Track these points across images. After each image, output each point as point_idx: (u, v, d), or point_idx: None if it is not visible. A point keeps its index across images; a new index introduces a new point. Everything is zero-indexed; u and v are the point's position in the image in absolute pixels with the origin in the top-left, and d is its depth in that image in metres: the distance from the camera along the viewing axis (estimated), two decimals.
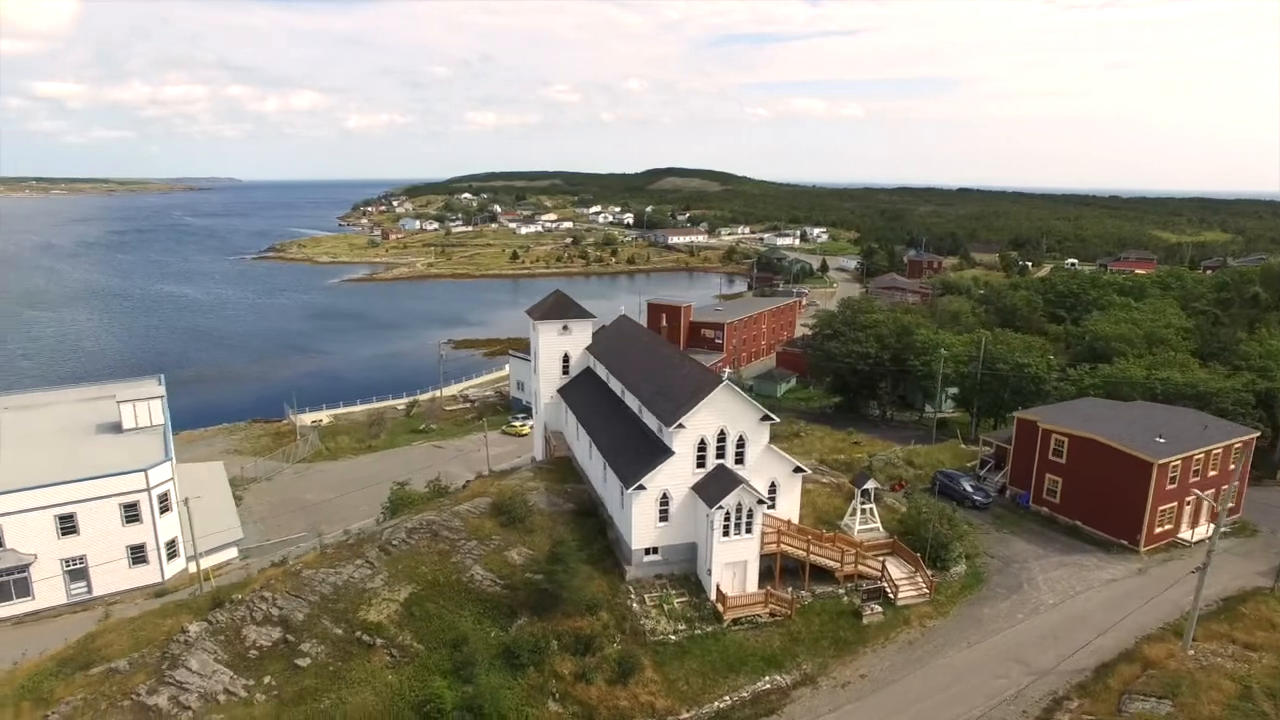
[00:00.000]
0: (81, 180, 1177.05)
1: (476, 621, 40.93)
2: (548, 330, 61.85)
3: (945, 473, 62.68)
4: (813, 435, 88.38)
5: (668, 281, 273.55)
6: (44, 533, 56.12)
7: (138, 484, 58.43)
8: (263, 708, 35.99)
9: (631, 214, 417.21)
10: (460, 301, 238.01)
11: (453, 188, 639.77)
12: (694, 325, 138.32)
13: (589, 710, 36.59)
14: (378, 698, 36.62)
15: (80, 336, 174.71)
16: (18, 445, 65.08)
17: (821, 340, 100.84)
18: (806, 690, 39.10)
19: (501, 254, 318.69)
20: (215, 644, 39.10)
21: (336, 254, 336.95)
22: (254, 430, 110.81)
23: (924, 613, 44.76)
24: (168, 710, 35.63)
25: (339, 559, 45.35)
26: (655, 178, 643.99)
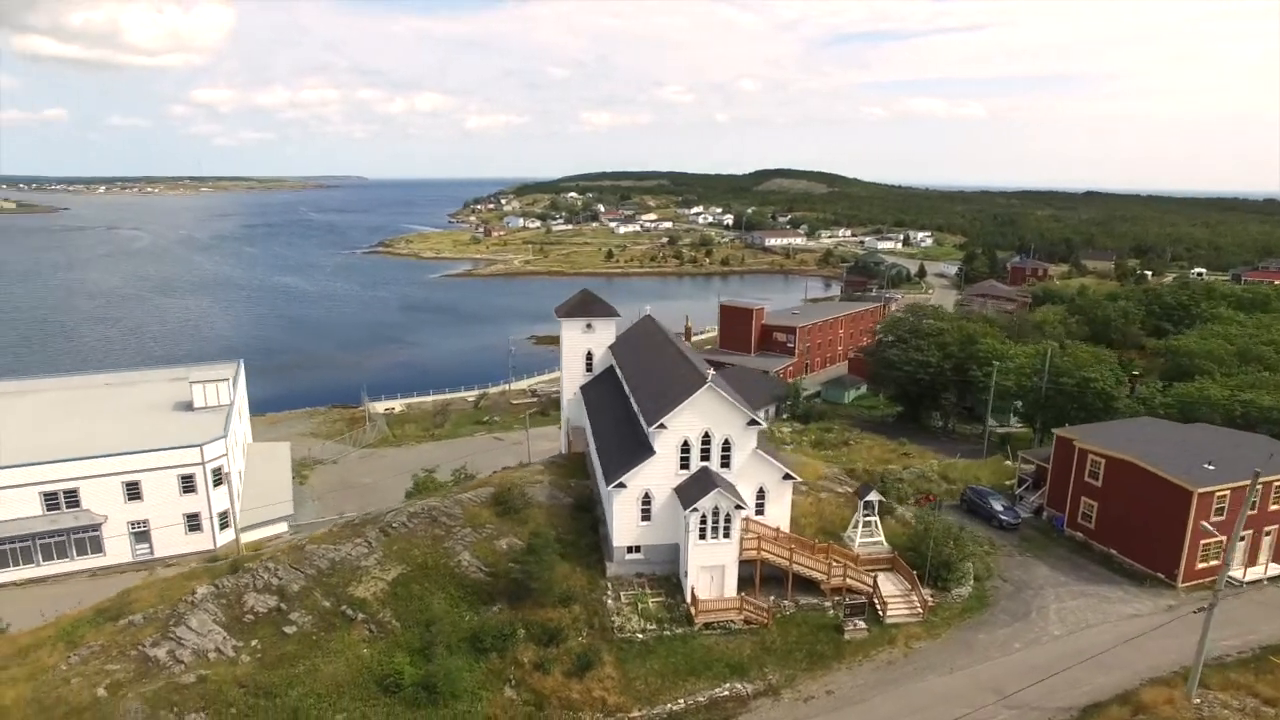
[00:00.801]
0: (227, 178, 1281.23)
1: (453, 605, 42.46)
2: (571, 328, 62.96)
3: (975, 489, 59.58)
4: (862, 444, 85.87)
5: (761, 284, 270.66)
6: (114, 497, 61.97)
7: (193, 458, 63.53)
8: (245, 667, 38.69)
9: (732, 215, 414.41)
10: (549, 298, 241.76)
11: (560, 187, 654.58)
12: (766, 328, 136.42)
13: (540, 699, 37.30)
14: (348, 668, 38.65)
15: (199, 321, 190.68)
16: (103, 417, 72.17)
17: (882, 347, 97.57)
18: (767, 701, 38.34)
19: (597, 253, 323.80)
20: (217, 606, 42.29)
21: (440, 250, 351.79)
22: (331, 415, 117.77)
23: (913, 633, 42.90)
24: (164, 662, 38.89)
25: (341, 537, 48.03)
26: (762, 179, 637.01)
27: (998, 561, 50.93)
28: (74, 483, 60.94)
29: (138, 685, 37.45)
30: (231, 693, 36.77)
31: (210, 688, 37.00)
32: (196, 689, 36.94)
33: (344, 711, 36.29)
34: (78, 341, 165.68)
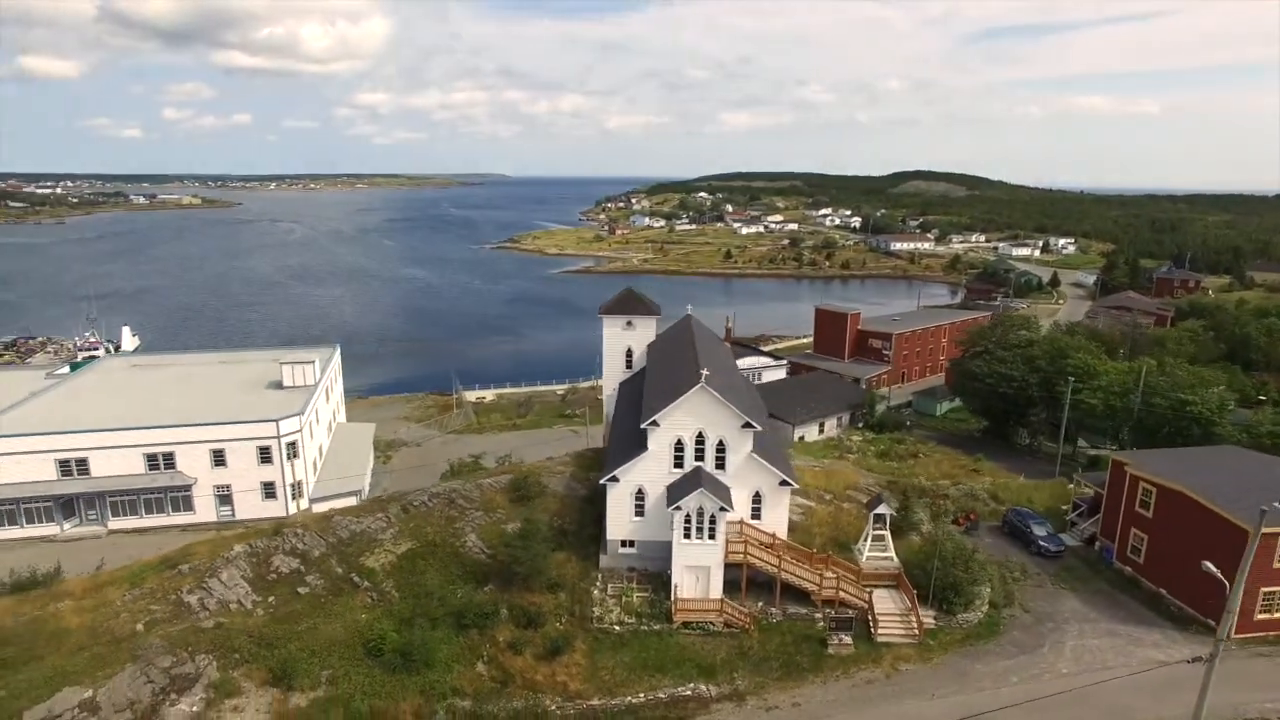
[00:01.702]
0: (381, 175, 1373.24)
1: (449, 581, 44.74)
2: (612, 325, 64.13)
3: (1018, 511, 55.81)
4: (932, 457, 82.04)
5: (881, 289, 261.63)
6: (202, 462, 69.05)
7: (270, 432, 69.66)
8: (257, 620, 42.59)
9: (860, 218, 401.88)
10: (659, 296, 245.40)
11: (692, 187, 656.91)
12: (861, 334, 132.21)
13: (506, 677, 38.81)
14: (344, 630, 41.68)
15: (327, 308, 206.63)
16: (208, 391, 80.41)
17: (967, 358, 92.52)
18: (729, 705, 38.03)
19: (716, 253, 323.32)
20: (247, 564, 46.66)
21: (564, 246, 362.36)
22: (426, 401, 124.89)
23: (903, 654, 41.08)
24: (194, 608, 43.45)
25: (366, 511, 51.60)
26: (898, 181, 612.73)
27: (1024, 590, 47.69)
28: (171, 447, 68.41)
29: (167, 625, 42.10)
30: (239, 640, 40.62)
31: (222, 634, 41.05)
32: (211, 634, 41.09)
33: (330, 668, 39.27)
34: (224, 323, 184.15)
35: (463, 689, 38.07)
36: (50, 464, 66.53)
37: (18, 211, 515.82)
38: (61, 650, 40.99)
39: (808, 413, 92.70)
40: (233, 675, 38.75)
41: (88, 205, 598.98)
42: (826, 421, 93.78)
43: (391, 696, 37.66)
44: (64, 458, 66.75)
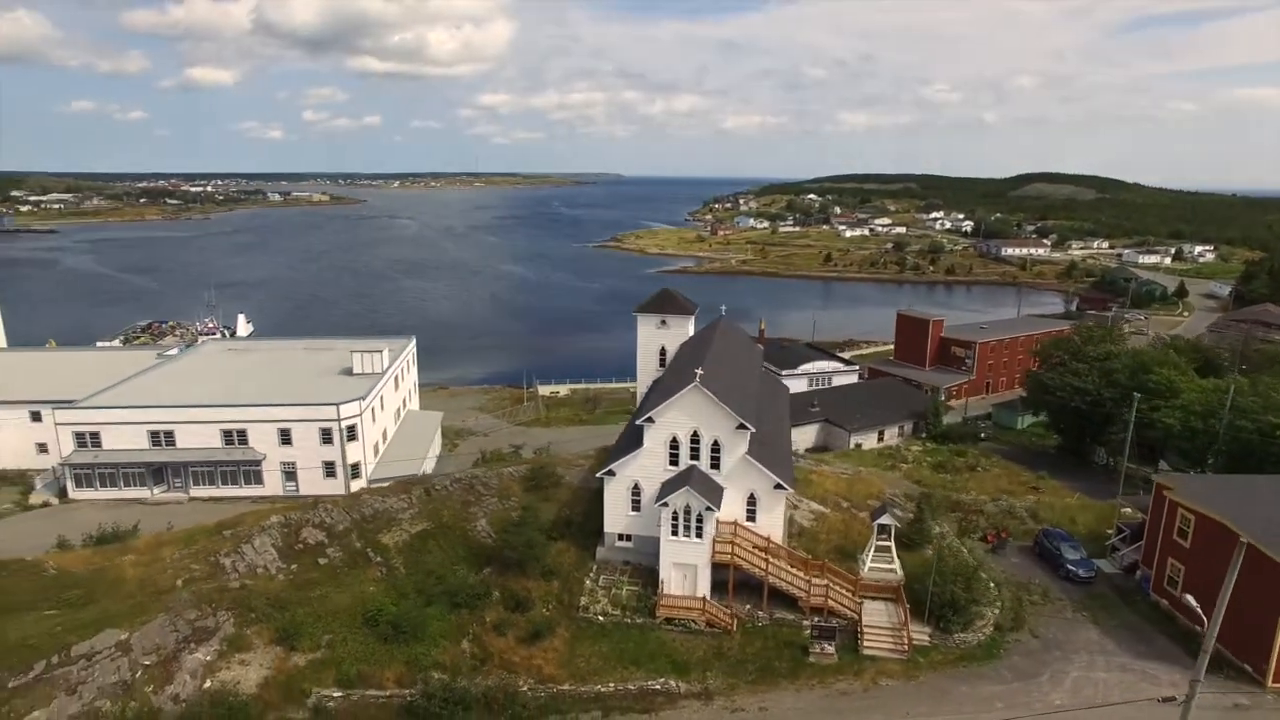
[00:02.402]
0: (498, 175, 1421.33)
1: (453, 562, 46.94)
2: (645, 324, 64.88)
3: (1050, 532, 52.73)
4: (991, 472, 78.38)
5: (988, 295, 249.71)
6: (271, 440, 74.69)
7: (330, 415, 74.54)
8: (277, 585, 46.15)
9: (972, 221, 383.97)
10: (753, 298, 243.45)
11: (802, 188, 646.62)
12: (943, 342, 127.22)
13: (487, 656, 40.49)
14: (351, 600, 44.55)
15: (425, 300, 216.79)
16: (286, 374, 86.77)
17: (1041, 369, 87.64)
18: (696, 703, 38.22)
19: (817, 255, 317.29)
20: (279, 534, 50.53)
21: (664, 246, 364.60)
22: (502, 393, 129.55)
23: (887, 669, 39.95)
24: (226, 569, 47.53)
25: (392, 492, 54.69)
26: (1021, 183, 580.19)
27: (1039, 614, 45.21)
28: (244, 425, 74.38)
29: (201, 583, 46.29)
30: (256, 601, 44.21)
31: (244, 594, 44.79)
32: (234, 594, 44.90)
33: (331, 634, 42.15)
34: (330, 312, 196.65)
35: (444, 663, 40.02)
36: (143, 435, 73.66)
37: (172, 209, 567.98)
38: (113, 597, 45.86)
39: (867, 420, 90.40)
40: (246, 632, 42.26)
41: (231, 202, 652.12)
42: (887, 430, 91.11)
43: (379, 663, 40.12)
44: (154, 430, 73.78)
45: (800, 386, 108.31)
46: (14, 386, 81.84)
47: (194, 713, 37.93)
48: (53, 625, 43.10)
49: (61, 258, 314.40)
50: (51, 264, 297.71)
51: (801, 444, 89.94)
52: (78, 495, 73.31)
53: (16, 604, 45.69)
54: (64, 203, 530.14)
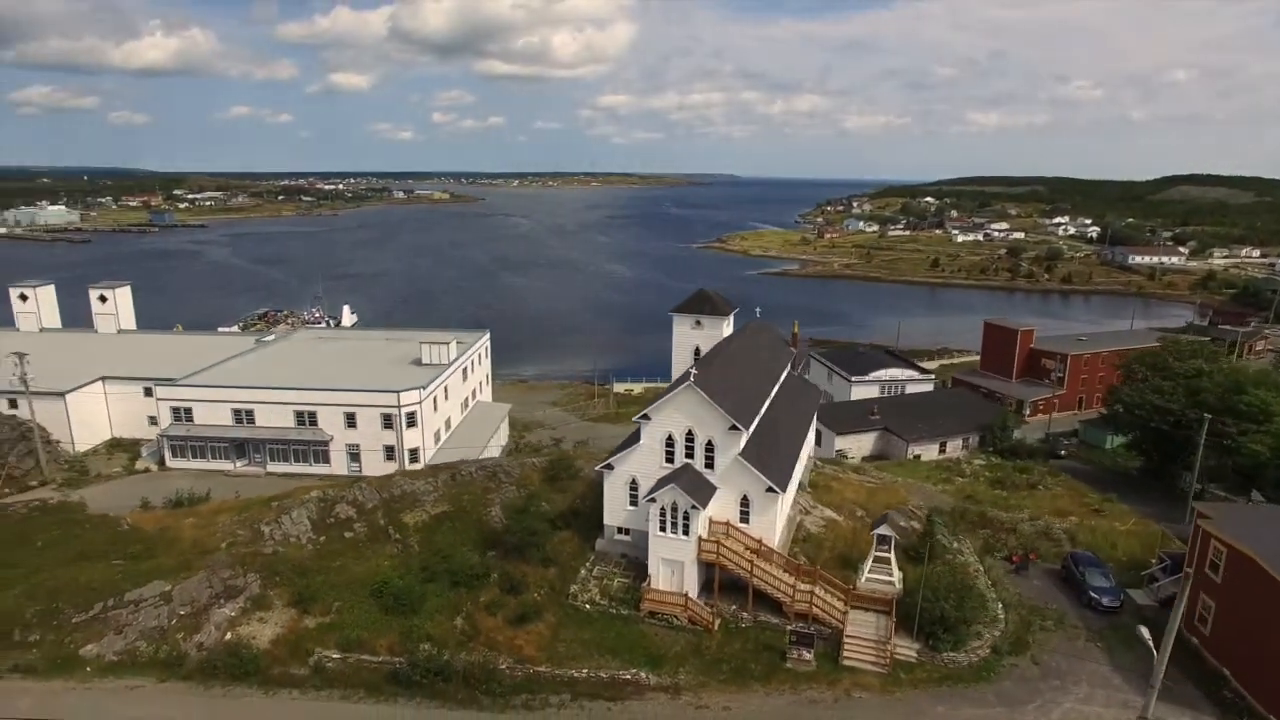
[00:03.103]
0: (615, 174, 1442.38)
1: (462, 544, 49.36)
2: (681, 323, 65.28)
3: (1078, 556, 49.68)
4: (1053, 491, 74.13)
5: (1106, 306, 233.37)
6: (337, 423, 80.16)
7: (391, 402, 79.24)
8: (303, 552, 50.05)
9: (1100, 226, 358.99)
10: (848, 302, 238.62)
11: (920, 190, 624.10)
12: (1033, 353, 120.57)
13: (475, 633, 42.51)
14: (365, 572, 47.74)
15: (522, 296, 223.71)
16: (360, 361, 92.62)
17: (1123, 386, 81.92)
18: (663, 696, 38.82)
19: (924, 260, 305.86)
20: (315, 508, 54.61)
21: (768, 248, 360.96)
22: (577, 389, 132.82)
23: (864, 682, 39.16)
24: (265, 537, 51.91)
25: (421, 476, 57.86)
26: (1164, 186, 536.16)
27: (1047, 640, 42.95)
28: (314, 407, 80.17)
29: (240, 547, 50.85)
30: (282, 567, 48.16)
31: (273, 560, 48.88)
32: (265, 559, 49.07)
33: (340, 601, 45.42)
34: (430, 305, 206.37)
35: (435, 636, 42.36)
36: (228, 412, 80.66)
37: (306, 205, 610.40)
38: (168, 553, 51.15)
39: (929, 430, 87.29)
40: (269, 593, 46.17)
41: (358, 199, 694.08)
42: (950, 441, 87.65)
43: (377, 631, 42.95)
44: (237, 408, 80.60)
45: (871, 393, 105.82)
46: (135, 364, 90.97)
47: (213, 660, 41.95)
48: (115, 573, 48.60)
49: (205, 250, 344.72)
50: (197, 255, 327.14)
51: (858, 452, 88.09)
52: (173, 464, 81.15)
53: (91, 552, 51.80)
54: (215, 200, 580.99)
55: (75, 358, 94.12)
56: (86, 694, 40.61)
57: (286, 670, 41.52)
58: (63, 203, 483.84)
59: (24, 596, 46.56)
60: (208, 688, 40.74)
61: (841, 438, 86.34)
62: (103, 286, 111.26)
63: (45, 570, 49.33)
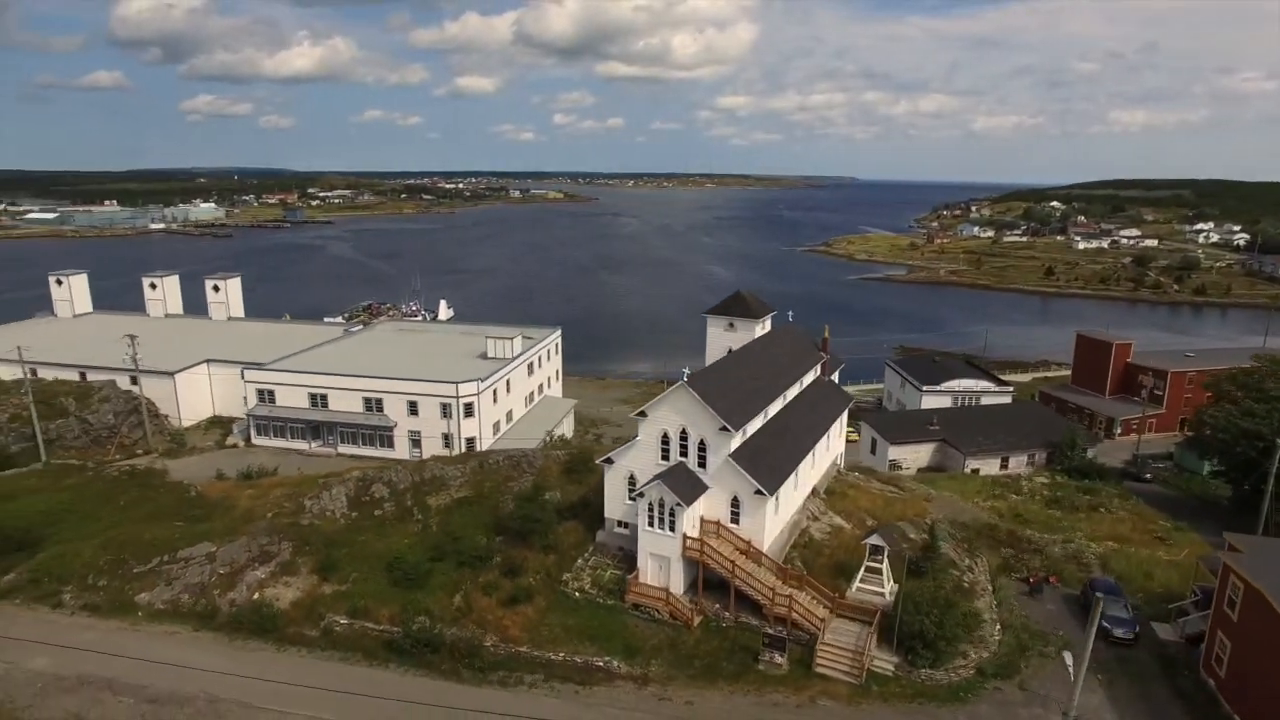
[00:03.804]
0: (731, 176, 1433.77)
1: (474, 527, 51.99)
2: (715, 325, 66.05)
3: (1098, 582, 46.98)
4: (1116, 515, 69.86)
5: (1244, 322, 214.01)
6: (401, 410, 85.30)
7: (449, 392, 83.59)
8: (336, 527, 54.09)
9: (1249, 234, 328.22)
10: (951, 310, 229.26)
11: (1047, 194, 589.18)
12: (1130, 368, 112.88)
13: (467, 611, 44.93)
14: (385, 548, 51.15)
15: (616, 293, 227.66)
16: (431, 353, 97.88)
17: (1209, 407, 75.93)
18: (630, 685, 39.91)
19: (1038, 268, 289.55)
20: (354, 487, 58.73)
21: (873, 252, 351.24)
22: (652, 387, 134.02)
23: (832, 690, 38.84)
24: (305, 510, 56.39)
25: (453, 462, 61.11)
26: None
27: (1043, 667, 41.13)
28: (380, 395, 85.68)
29: (282, 517, 55.57)
30: (314, 538, 52.33)
31: (306, 531, 53.20)
32: (300, 529, 53.45)
33: (357, 572, 49.00)
34: (526, 302, 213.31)
35: (433, 611, 45.11)
36: (304, 396, 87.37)
37: (426, 204, 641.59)
38: (223, 518, 56.57)
39: (990, 444, 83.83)
40: (297, 560, 50.35)
41: (476, 198, 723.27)
42: (1013, 457, 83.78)
43: (382, 601, 46.15)
44: (313, 392, 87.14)
45: (942, 403, 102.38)
46: (237, 349, 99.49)
47: (240, 616, 46.38)
48: (174, 533, 54.30)
49: (329, 245, 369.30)
50: (320, 250, 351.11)
51: (914, 462, 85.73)
52: (257, 441, 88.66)
53: (159, 513, 57.98)
54: (343, 198, 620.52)
55: (188, 341, 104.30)
56: (134, 635, 45.84)
57: (300, 630, 45.37)
58: (213, 201, 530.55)
59: (100, 547, 52.81)
60: (231, 639, 45.12)
61: (896, 447, 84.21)
62: (216, 278, 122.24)
63: (120, 526, 55.70)
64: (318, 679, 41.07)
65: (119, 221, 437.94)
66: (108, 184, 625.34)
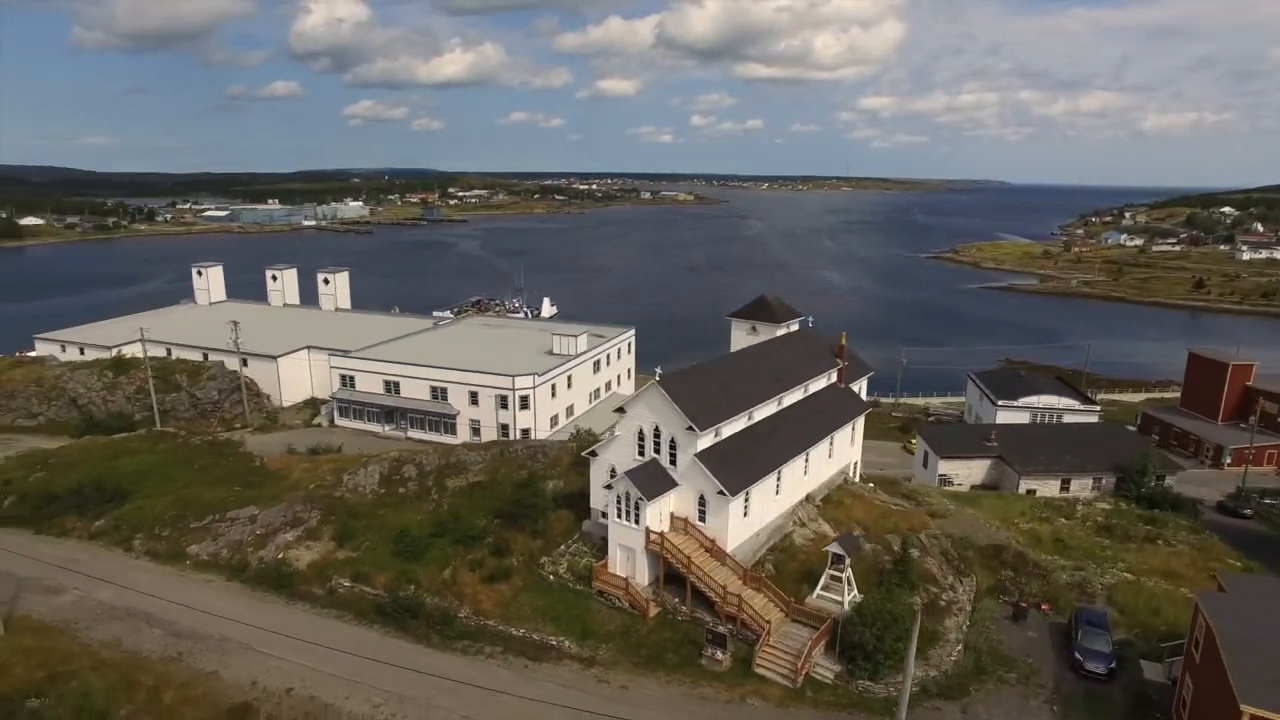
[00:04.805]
0: (868, 179, 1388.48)
1: (477, 509, 55.67)
2: (738, 328, 67.09)
3: (1084, 612, 44.54)
4: (1174, 549, 64.51)
5: None
6: (463, 400, 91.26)
7: (506, 385, 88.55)
8: (363, 501, 59.38)
9: None
10: (1077, 323, 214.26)
11: (1218, 199, 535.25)
12: (1249, 392, 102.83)
13: (451, 584, 48.59)
14: (400, 520, 55.64)
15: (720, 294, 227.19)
16: (504, 347, 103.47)
17: None
18: (575, 665, 42.11)
19: (1186, 281, 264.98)
20: (386, 466, 64.03)
21: (1002, 260, 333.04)
22: None
23: (766, 691, 39.37)
24: (342, 483, 62.22)
25: (480, 449, 65.32)
26: None
27: (997, 694, 39.79)
28: (445, 384, 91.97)
29: (321, 489, 61.65)
30: (339, 508, 57.84)
31: (335, 502, 58.85)
32: (331, 500, 59.18)
33: (369, 542, 53.89)
34: (629, 300, 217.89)
35: (421, 581, 49.14)
36: (380, 382, 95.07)
37: (557, 204, 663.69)
38: (272, 486, 63.49)
39: (1051, 464, 79.29)
40: (322, 528, 55.93)
41: (607, 199, 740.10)
42: (1077, 479, 78.84)
43: (380, 569, 50.66)
44: (387, 379, 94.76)
45: (1020, 419, 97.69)
46: (338, 337, 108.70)
47: (263, 572, 52.35)
48: (229, 495, 61.60)
49: (459, 243, 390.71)
50: (450, 247, 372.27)
51: (967, 479, 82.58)
52: (340, 423, 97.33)
53: (224, 478, 65.69)
54: (479, 197, 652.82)
55: (296, 329, 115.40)
56: (179, 579, 52.76)
57: (310, 589, 50.67)
58: (360, 200, 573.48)
59: (169, 504, 60.79)
60: (253, 591, 51.07)
61: (947, 462, 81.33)
62: (327, 271, 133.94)
63: (190, 487, 63.69)
64: (311, 632, 45.87)
65: (277, 219, 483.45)
66: (275, 184, 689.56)
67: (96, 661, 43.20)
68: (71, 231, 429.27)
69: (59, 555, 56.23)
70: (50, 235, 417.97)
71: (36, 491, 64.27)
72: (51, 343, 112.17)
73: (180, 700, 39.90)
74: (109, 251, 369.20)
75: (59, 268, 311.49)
